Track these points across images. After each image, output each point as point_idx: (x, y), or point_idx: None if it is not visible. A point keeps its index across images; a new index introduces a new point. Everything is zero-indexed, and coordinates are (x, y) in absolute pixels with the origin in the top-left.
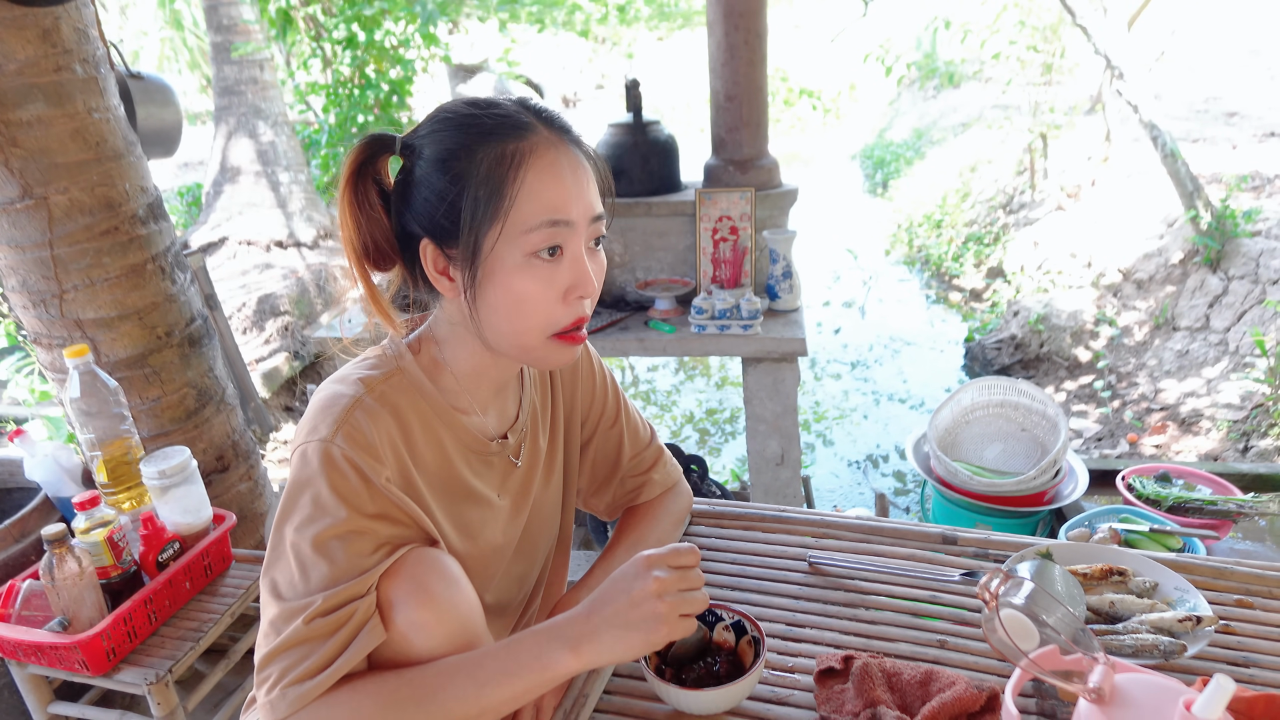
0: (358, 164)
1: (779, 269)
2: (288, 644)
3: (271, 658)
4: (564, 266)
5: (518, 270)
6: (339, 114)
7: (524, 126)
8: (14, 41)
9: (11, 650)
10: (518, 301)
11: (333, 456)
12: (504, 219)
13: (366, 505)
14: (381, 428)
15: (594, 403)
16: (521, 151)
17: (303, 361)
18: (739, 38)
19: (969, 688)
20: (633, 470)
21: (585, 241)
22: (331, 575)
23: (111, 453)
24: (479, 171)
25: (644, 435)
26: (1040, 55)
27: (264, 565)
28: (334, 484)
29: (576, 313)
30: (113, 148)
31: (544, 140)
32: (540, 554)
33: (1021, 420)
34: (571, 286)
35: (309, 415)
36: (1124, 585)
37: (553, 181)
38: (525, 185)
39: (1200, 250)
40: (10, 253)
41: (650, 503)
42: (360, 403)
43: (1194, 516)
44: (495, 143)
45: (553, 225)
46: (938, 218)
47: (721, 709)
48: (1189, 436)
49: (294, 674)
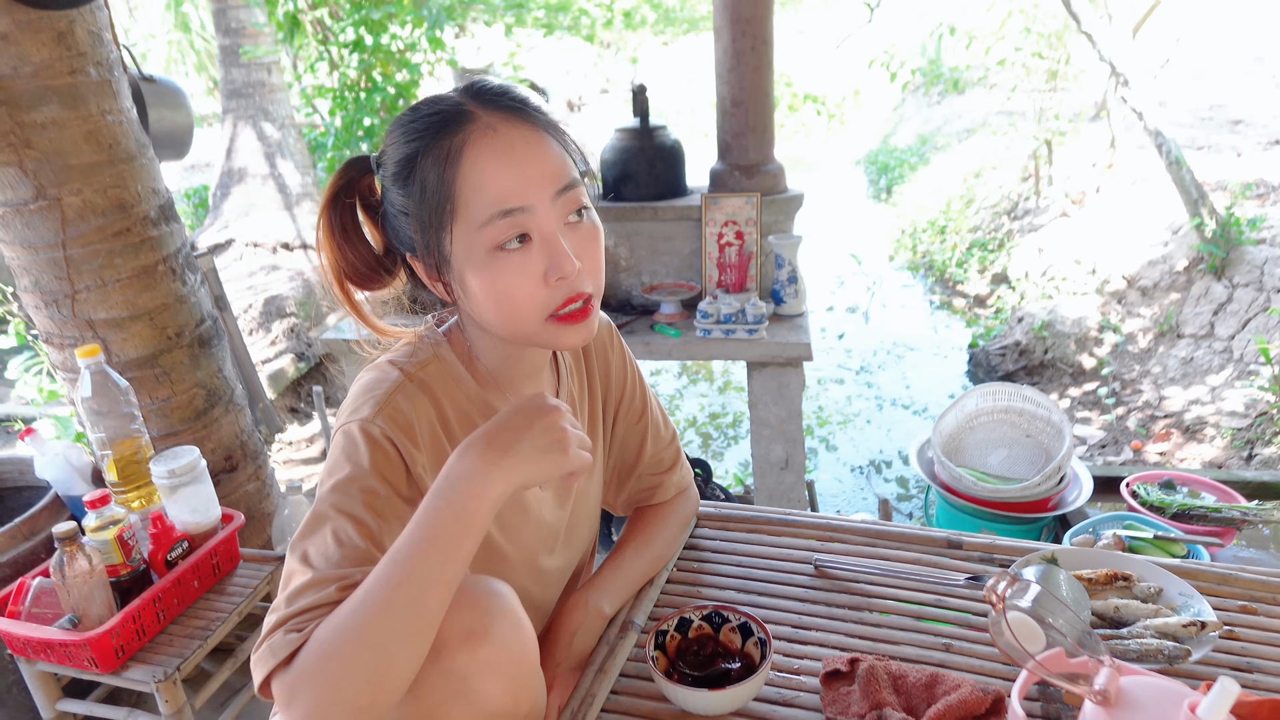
0: (335, 191)
1: (784, 274)
2: (312, 605)
3: (287, 619)
4: (534, 252)
5: (484, 268)
6: (345, 117)
7: (459, 118)
8: (30, 44)
9: (21, 647)
10: (497, 297)
11: (374, 436)
12: (454, 220)
13: (404, 487)
14: (421, 413)
15: (624, 394)
16: (455, 146)
17: (308, 363)
18: (745, 44)
19: (974, 690)
20: (652, 468)
21: (559, 220)
22: (368, 551)
23: (121, 452)
24: (421, 179)
25: (665, 434)
26: (1045, 62)
27: (296, 536)
28: (376, 463)
29: (564, 293)
30: (125, 150)
31: (481, 127)
32: (584, 544)
33: (1026, 426)
34: (548, 270)
35: (351, 398)
36: (1128, 590)
37: (496, 167)
38: (466, 181)
39: (1205, 258)
40: (24, 253)
41: (661, 505)
42: (402, 387)
43: (1198, 524)
44: (432, 143)
45: (506, 215)
46: (942, 223)
47: (728, 709)
48: (1193, 444)
49: (298, 625)
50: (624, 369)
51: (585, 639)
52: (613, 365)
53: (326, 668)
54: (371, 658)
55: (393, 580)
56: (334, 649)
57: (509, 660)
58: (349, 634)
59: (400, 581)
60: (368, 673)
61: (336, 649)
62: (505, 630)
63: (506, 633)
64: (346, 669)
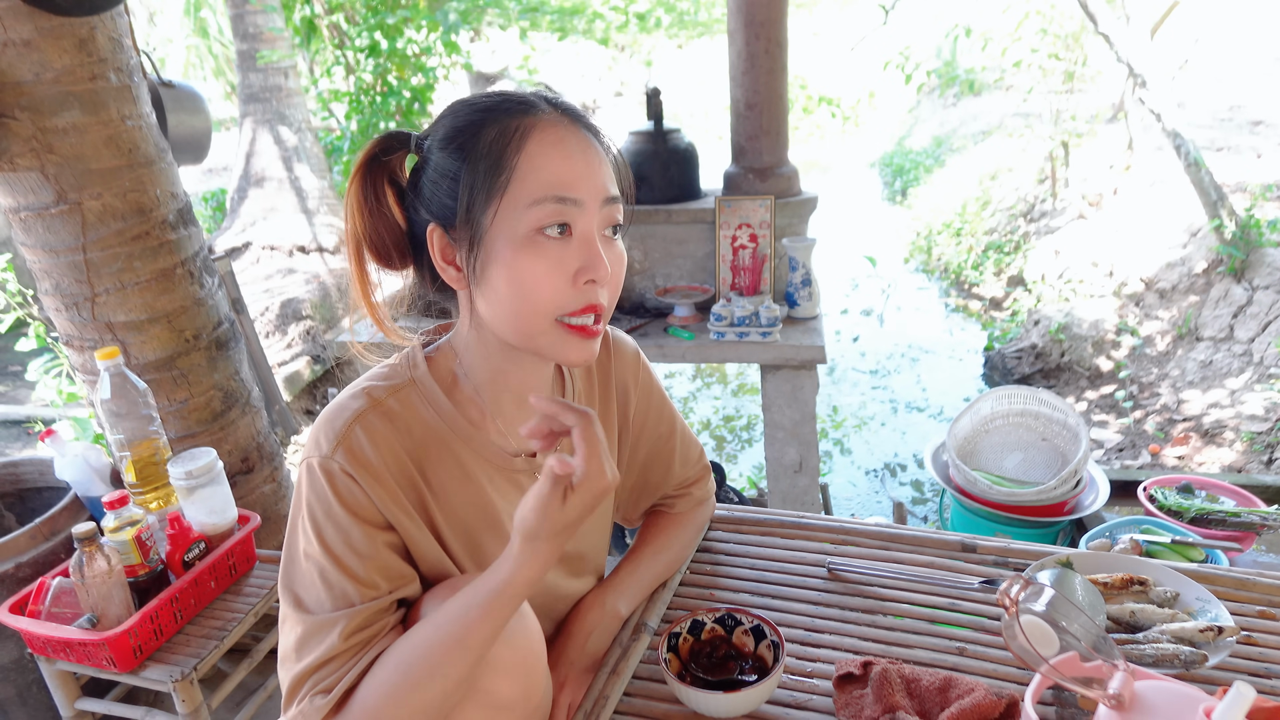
0: (370, 156)
1: (798, 276)
2: (322, 661)
3: (306, 676)
4: (573, 247)
5: (521, 248)
6: (361, 121)
7: (530, 106)
8: (51, 50)
9: (41, 646)
10: (521, 281)
11: (332, 473)
12: (505, 192)
13: (375, 517)
14: (383, 443)
15: (647, 421)
16: (525, 126)
17: (324, 366)
18: (759, 46)
19: (988, 694)
20: (679, 485)
21: (599, 227)
22: (356, 590)
23: (140, 453)
24: (481, 146)
25: (694, 453)
26: (1062, 63)
27: (282, 574)
28: (342, 499)
29: (588, 298)
30: (145, 154)
31: (550, 118)
32: (587, 572)
33: (1042, 430)
34: (581, 269)
35: (314, 427)
36: (1145, 595)
37: (558, 156)
38: (528, 158)
39: (1224, 260)
40: (45, 256)
41: (680, 513)
42: (361, 417)
43: (1217, 528)
44: (499, 119)
45: (558, 201)
46: (957, 226)
47: (741, 712)
48: (1212, 448)
49: (324, 684)
50: (648, 399)
51: (600, 639)
52: (634, 397)
53: None
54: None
55: (459, 661)
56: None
57: (517, 656)
58: (405, 704)
59: (468, 664)
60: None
61: (391, 716)
62: (513, 627)
63: (514, 629)
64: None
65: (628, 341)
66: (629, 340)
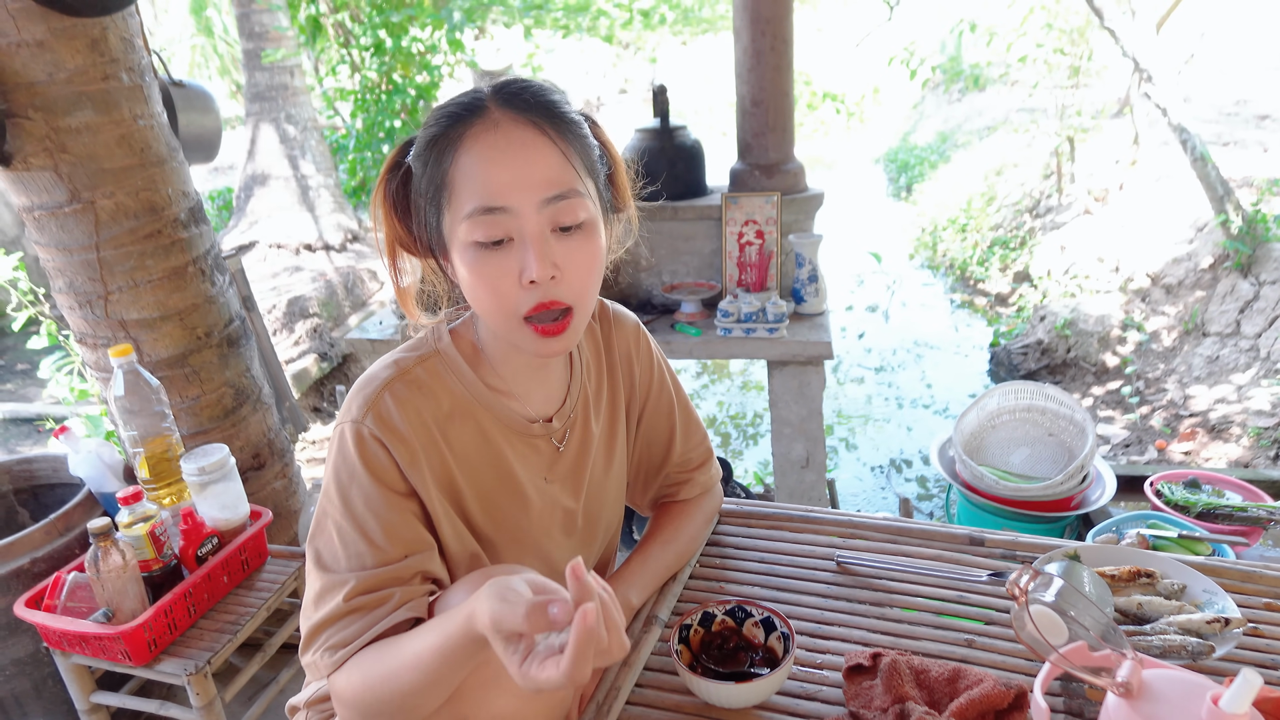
0: (393, 162)
1: (804, 273)
2: (331, 618)
3: (319, 630)
4: (513, 252)
5: (464, 260)
6: (366, 119)
7: (473, 111)
8: (64, 51)
9: (57, 640)
10: (472, 289)
11: (363, 436)
12: (448, 207)
13: (397, 482)
14: (410, 410)
15: (650, 395)
16: (460, 135)
17: (331, 363)
18: (765, 43)
19: (997, 685)
20: (681, 466)
21: (546, 225)
22: (370, 552)
23: (153, 449)
24: (430, 161)
25: (696, 434)
26: (1067, 58)
27: (309, 532)
28: (368, 463)
29: (535, 297)
30: (156, 153)
31: (486, 123)
32: (599, 540)
33: (1049, 425)
34: (521, 272)
35: (348, 396)
36: (1152, 587)
37: (486, 164)
38: (459, 171)
39: (1231, 255)
40: (58, 255)
41: (686, 501)
42: (390, 385)
43: (1223, 523)
44: (446, 129)
45: (485, 212)
46: (963, 221)
47: (751, 703)
48: (1218, 443)
49: (332, 641)
50: (650, 370)
51: None
52: (637, 367)
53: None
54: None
55: (424, 692)
56: (364, 708)
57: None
58: (386, 699)
59: (430, 693)
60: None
61: (374, 699)
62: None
63: None
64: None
65: (628, 315)
66: (629, 314)
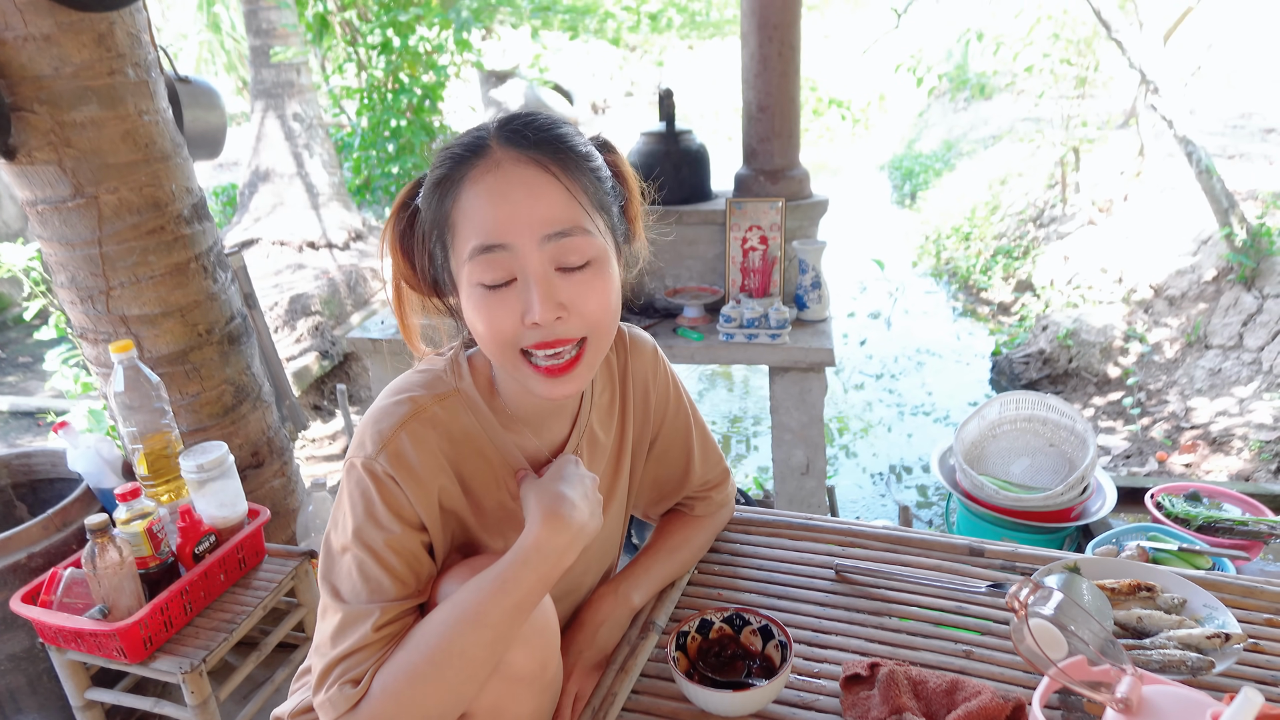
0: (405, 199)
1: (808, 279)
2: (355, 649)
3: (336, 663)
4: (516, 290)
5: (469, 299)
6: (372, 118)
7: (476, 150)
8: (70, 45)
9: (52, 636)
10: (476, 328)
11: (377, 474)
12: (451, 248)
13: (413, 518)
14: (426, 450)
15: (667, 412)
16: (462, 176)
17: (332, 361)
18: (772, 49)
19: (995, 697)
20: (700, 488)
21: (552, 261)
22: (391, 584)
23: (152, 446)
24: (435, 201)
25: (714, 455)
26: (1074, 68)
27: (321, 566)
28: (385, 499)
29: (537, 337)
30: (161, 149)
31: (488, 163)
32: (592, 573)
33: (1050, 435)
34: (524, 312)
35: (361, 427)
36: (1152, 601)
37: (485, 207)
38: (461, 212)
39: (1234, 268)
40: (61, 249)
41: (700, 516)
42: (406, 425)
43: (1224, 536)
44: (451, 169)
45: (484, 251)
46: (966, 230)
47: (748, 711)
48: (1219, 456)
49: (350, 675)
50: (666, 395)
51: (611, 632)
52: (654, 394)
53: (403, 716)
54: (447, 703)
55: (475, 638)
56: (413, 698)
57: (533, 628)
58: (426, 685)
59: (486, 641)
60: (441, 714)
61: (415, 698)
62: None
63: None
64: (424, 714)
65: (645, 339)
66: (647, 338)
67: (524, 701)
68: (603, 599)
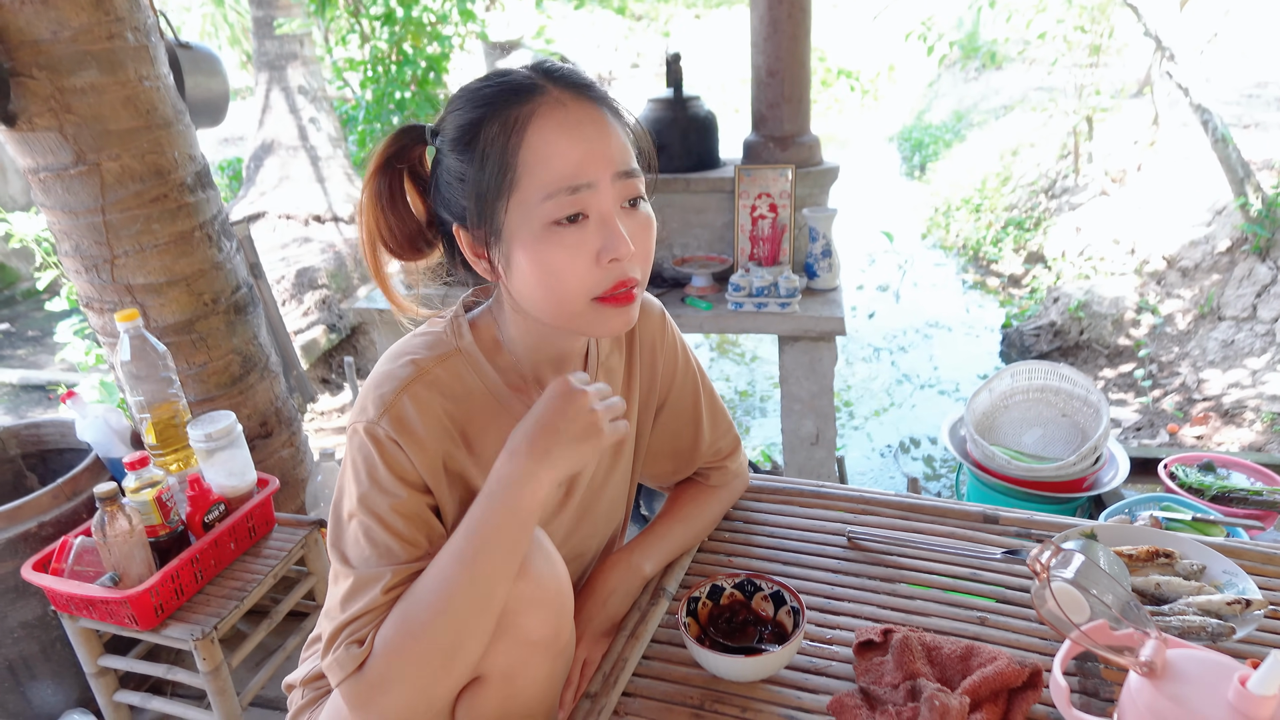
0: (386, 156)
1: (818, 247)
2: (363, 611)
3: (344, 626)
4: (590, 230)
5: (540, 241)
6: (376, 90)
7: (529, 90)
8: (68, 9)
9: (64, 604)
10: (547, 272)
11: (379, 438)
12: (514, 190)
13: (417, 480)
14: (429, 414)
15: (675, 376)
16: (523, 116)
17: (339, 334)
18: (782, 11)
19: (1010, 663)
20: (710, 456)
21: (616, 201)
22: (400, 547)
23: (160, 415)
24: (485, 145)
25: (724, 422)
26: (1087, 35)
27: (330, 539)
28: (387, 463)
29: (615, 276)
30: (162, 116)
31: (550, 101)
32: (599, 537)
33: (1062, 405)
34: (602, 250)
35: (363, 392)
36: (1170, 567)
37: (563, 142)
38: (532, 151)
39: (1249, 238)
40: (64, 218)
41: (714, 486)
42: (408, 388)
43: (1238, 506)
44: (499, 111)
45: (570, 192)
46: (977, 202)
47: (760, 676)
48: (1231, 427)
49: (357, 635)
50: (674, 361)
51: (621, 600)
52: (660, 357)
53: (403, 670)
54: (443, 654)
55: (458, 581)
56: (408, 651)
57: (547, 593)
58: (420, 636)
59: (466, 581)
60: (441, 667)
61: (410, 650)
62: (541, 565)
63: (542, 568)
64: (422, 667)
65: (653, 302)
66: (655, 301)
67: (537, 666)
68: (614, 567)
